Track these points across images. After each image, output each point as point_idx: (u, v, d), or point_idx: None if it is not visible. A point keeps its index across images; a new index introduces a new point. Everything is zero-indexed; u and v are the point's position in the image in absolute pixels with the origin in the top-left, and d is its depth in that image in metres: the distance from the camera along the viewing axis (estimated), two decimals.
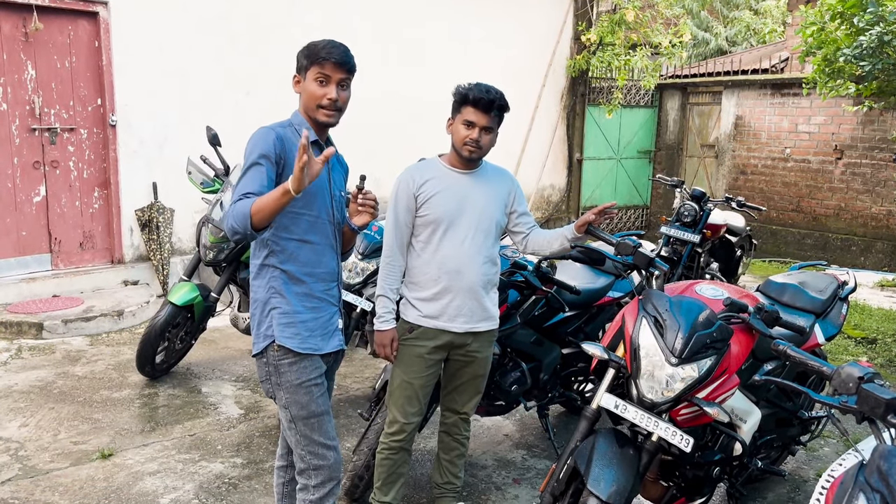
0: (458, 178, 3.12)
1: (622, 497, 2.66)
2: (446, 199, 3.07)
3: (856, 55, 5.86)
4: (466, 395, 3.33)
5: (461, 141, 3.03)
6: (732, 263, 7.48)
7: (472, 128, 3.00)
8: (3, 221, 6.47)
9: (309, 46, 2.61)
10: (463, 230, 3.09)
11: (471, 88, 3.01)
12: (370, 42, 8.18)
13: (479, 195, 3.12)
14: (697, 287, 3.32)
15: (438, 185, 3.08)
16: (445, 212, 3.06)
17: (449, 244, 3.08)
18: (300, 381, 2.64)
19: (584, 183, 11.22)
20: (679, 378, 2.74)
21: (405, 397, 3.19)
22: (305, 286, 2.65)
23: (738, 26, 18.81)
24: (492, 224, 3.15)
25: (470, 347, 3.20)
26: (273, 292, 2.64)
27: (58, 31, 6.54)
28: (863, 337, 6.58)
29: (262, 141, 2.53)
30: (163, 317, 4.93)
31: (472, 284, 3.11)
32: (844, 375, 1.98)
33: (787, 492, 3.97)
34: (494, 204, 3.16)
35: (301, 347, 2.63)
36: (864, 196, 9.61)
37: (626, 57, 10.12)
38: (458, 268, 3.08)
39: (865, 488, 1.72)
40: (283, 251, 2.61)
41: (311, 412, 2.66)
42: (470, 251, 3.09)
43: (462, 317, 3.13)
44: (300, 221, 2.59)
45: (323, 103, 2.59)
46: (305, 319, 2.65)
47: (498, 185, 3.20)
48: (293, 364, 2.63)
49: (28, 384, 5.03)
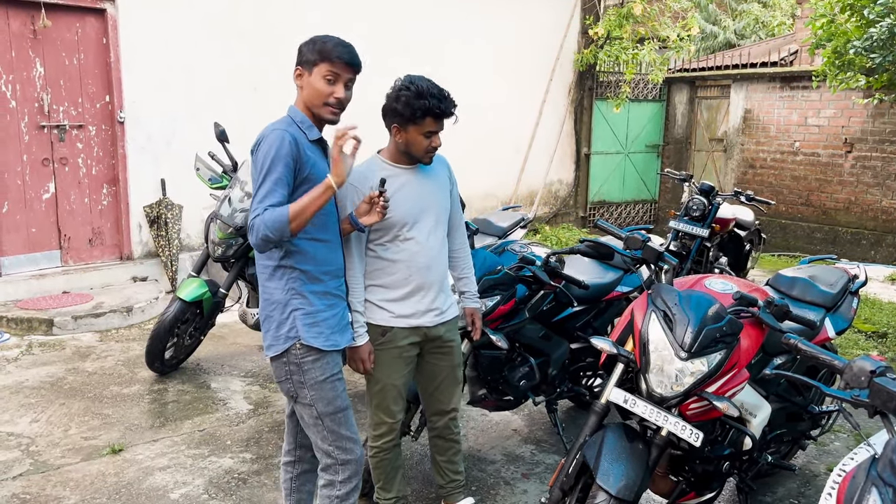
0: (408, 175, 3.02)
1: (631, 491, 2.66)
2: (405, 197, 2.97)
3: (866, 47, 5.83)
4: (448, 390, 3.29)
5: (424, 150, 2.94)
6: (741, 258, 7.44)
7: (433, 136, 2.94)
8: (13, 218, 6.50)
9: (316, 42, 2.58)
10: (426, 226, 3.03)
11: (427, 99, 2.84)
12: (375, 39, 8.16)
13: (432, 189, 3.07)
14: (707, 281, 3.31)
15: (392, 184, 2.94)
16: (408, 210, 2.97)
17: (416, 242, 3.01)
18: (325, 376, 2.67)
19: (592, 177, 11.19)
20: (688, 372, 2.73)
21: (391, 398, 3.13)
22: (323, 284, 2.68)
23: (747, 19, 18.69)
24: (445, 214, 3.14)
25: (444, 337, 3.17)
26: (294, 293, 2.63)
27: (66, 29, 6.56)
28: (873, 331, 6.54)
29: (278, 144, 2.49)
30: (172, 313, 4.95)
31: (440, 277, 3.11)
32: (856, 369, 1.96)
33: (797, 486, 3.96)
34: (444, 194, 3.13)
35: (326, 345, 2.66)
36: (875, 189, 9.55)
37: (634, 51, 10.09)
38: (427, 264, 3.03)
39: (878, 482, 1.71)
40: (299, 251, 2.61)
41: (338, 407, 2.71)
42: (434, 245, 3.06)
43: (434, 310, 3.11)
44: (314, 220, 2.58)
45: (330, 101, 2.58)
46: (327, 317, 2.68)
47: (440, 173, 3.15)
48: (317, 361, 2.65)
49: (39, 380, 5.05)
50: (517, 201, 9.81)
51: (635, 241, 3.26)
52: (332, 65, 2.55)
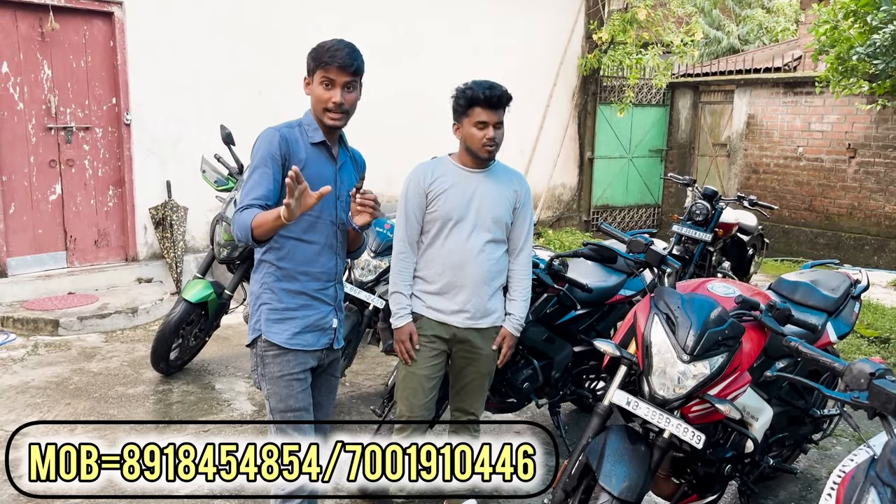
0: (468, 177, 3.14)
1: (634, 493, 2.68)
2: (455, 195, 3.10)
3: (869, 53, 5.85)
4: (472, 395, 3.34)
5: (479, 143, 3.04)
6: (744, 262, 7.46)
7: (485, 128, 3.02)
8: (20, 219, 6.54)
9: (315, 48, 2.61)
10: (468, 227, 3.11)
11: (475, 89, 3.00)
12: (382, 41, 8.20)
13: (486, 193, 3.13)
14: (709, 285, 3.33)
15: (448, 182, 3.11)
16: (453, 208, 3.09)
17: (454, 240, 3.11)
18: (282, 373, 2.68)
19: (596, 182, 11.21)
20: (691, 375, 2.75)
21: (410, 388, 3.22)
22: (299, 284, 2.68)
23: (751, 24, 18.73)
24: (496, 223, 3.16)
25: (474, 343, 3.22)
26: (265, 288, 2.69)
27: (73, 31, 6.60)
28: (876, 336, 6.55)
29: (266, 143, 2.57)
30: (177, 314, 4.97)
31: (475, 280, 3.13)
32: (856, 371, 1.99)
33: (799, 490, 3.97)
34: (500, 203, 3.16)
35: (289, 343, 2.67)
36: (878, 195, 9.57)
37: (638, 55, 10.11)
38: (461, 263, 3.11)
39: (876, 482, 1.73)
40: (280, 248, 2.65)
41: (289, 406, 2.69)
42: (474, 247, 3.12)
43: (465, 312, 3.16)
44: (300, 221, 2.55)
45: (328, 107, 2.59)
46: (296, 316, 2.68)
47: (506, 184, 3.20)
48: (277, 357, 2.68)
49: (44, 380, 5.09)
50: None
51: (638, 244, 3.28)
52: (327, 70, 2.56)
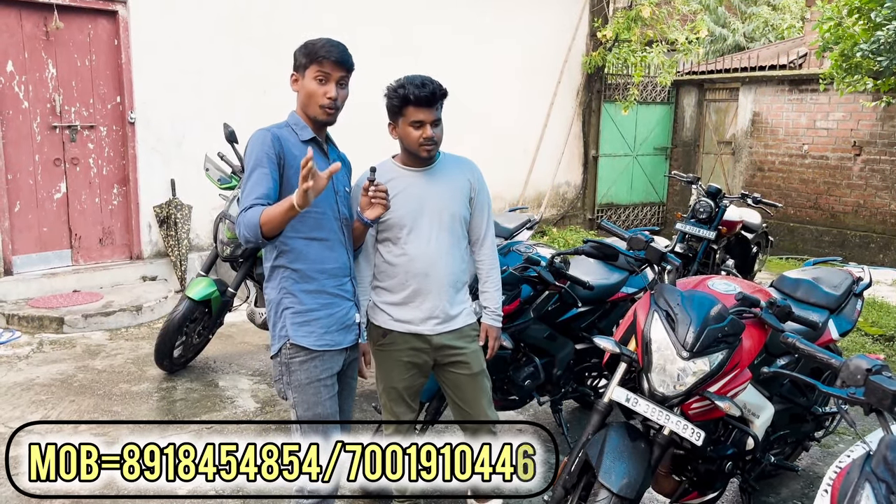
0: (414, 178, 3.01)
1: (633, 489, 2.68)
2: (405, 200, 2.96)
3: (873, 50, 5.84)
4: (476, 402, 3.22)
5: (416, 143, 2.91)
6: (748, 260, 7.44)
7: (422, 127, 2.89)
8: (24, 217, 6.57)
9: (307, 45, 2.61)
10: (426, 230, 2.99)
11: (407, 87, 2.86)
12: (386, 41, 8.21)
13: (437, 192, 3.01)
14: (710, 282, 3.33)
15: (396, 186, 2.96)
16: (406, 213, 2.96)
17: (413, 246, 2.98)
18: (309, 380, 2.65)
19: (600, 180, 11.20)
20: (690, 372, 2.75)
21: (391, 400, 3.18)
22: (317, 283, 2.66)
23: (756, 22, 18.66)
24: (454, 220, 3.04)
25: (452, 345, 3.11)
26: (285, 293, 2.65)
27: (78, 30, 6.63)
28: (880, 334, 6.53)
29: (260, 143, 2.56)
30: (180, 312, 4.99)
31: (441, 286, 3.03)
32: (852, 367, 1.99)
33: (800, 488, 3.96)
34: (454, 198, 3.04)
35: (317, 345, 2.64)
36: (884, 193, 9.53)
37: (643, 53, 10.09)
38: (425, 270, 3.00)
39: (871, 478, 1.73)
40: (291, 250, 2.63)
41: (317, 414, 2.66)
42: (437, 252, 3.01)
43: (434, 319, 3.06)
44: (306, 219, 2.58)
45: (323, 102, 2.59)
46: (320, 317, 2.66)
47: (457, 176, 3.08)
48: (304, 362, 2.64)
49: (49, 377, 5.11)
50: (525, 203, 9.82)
51: (638, 241, 3.28)
52: (322, 65, 2.57)
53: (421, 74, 2.92)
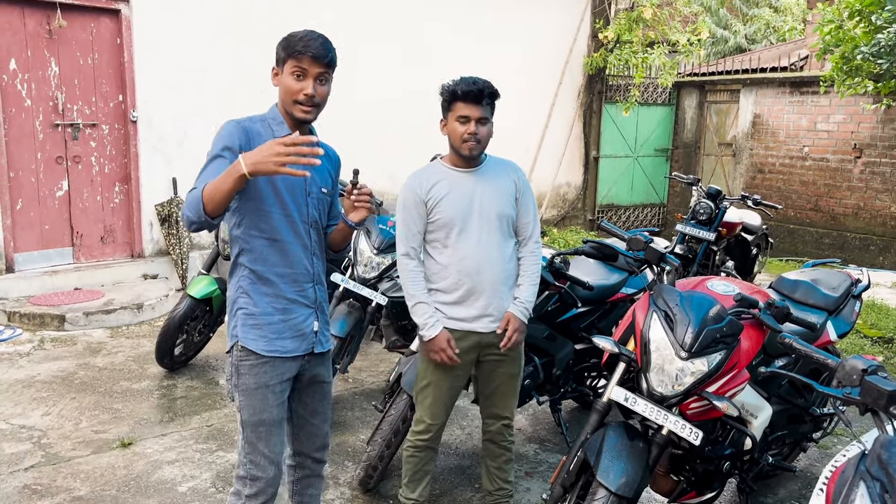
0: (462, 178, 3.07)
1: (631, 489, 2.69)
2: (454, 200, 3.03)
3: (874, 53, 5.85)
4: (504, 398, 3.27)
5: (460, 138, 2.97)
6: (748, 262, 7.46)
7: (467, 122, 2.95)
8: (26, 215, 6.59)
9: (286, 38, 2.47)
10: (475, 230, 3.04)
11: (457, 83, 2.96)
12: (388, 41, 8.22)
13: (484, 192, 3.06)
14: (709, 283, 3.34)
15: (446, 187, 3.03)
16: (456, 213, 3.02)
17: (464, 246, 3.04)
18: (258, 385, 2.53)
19: (601, 181, 11.21)
20: (689, 372, 2.76)
21: (433, 398, 3.17)
22: (274, 287, 2.53)
23: (758, 24, 18.68)
24: (502, 220, 3.09)
25: (500, 344, 3.14)
26: (241, 292, 2.54)
27: (80, 29, 6.65)
28: (879, 336, 6.54)
29: (226, 134, 2.44)
30: (181, 310, 5.01)
31: (494, 283, 3.08)
32: (848, 367, 2.00)
33: (798, 488, 3.98)
34: (501, 199, 3.09)
35: (266, 350, 2.52)
36: (884, 195, 9.54)
37: (644, 54, 10.11)
38: (477, 268, 3.05)
39: (866, 477, 1.75)
40: (252, 250, 2.51)
41: (262, 420, 2.55)
42: (487, 250, 3.06)
43: (488, 316, 3.11)
44: (270, 219, 2.48)
45: (299, 99, 2.44)
46: (273, 322, 2.53)
47: (503, 177, 3.13)
48: (253, 367, 2.52)
49: (50, 374, 5.13)
50: None
51: (637, 242, 3.29)
52: (299, 60, 2.41)
53: (475, 76, 3.01)
